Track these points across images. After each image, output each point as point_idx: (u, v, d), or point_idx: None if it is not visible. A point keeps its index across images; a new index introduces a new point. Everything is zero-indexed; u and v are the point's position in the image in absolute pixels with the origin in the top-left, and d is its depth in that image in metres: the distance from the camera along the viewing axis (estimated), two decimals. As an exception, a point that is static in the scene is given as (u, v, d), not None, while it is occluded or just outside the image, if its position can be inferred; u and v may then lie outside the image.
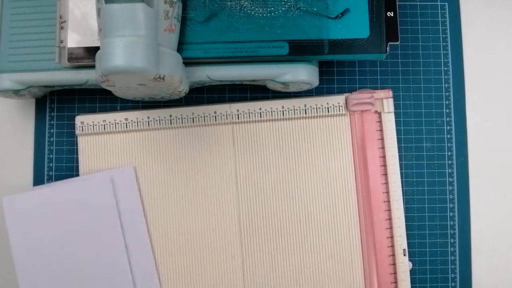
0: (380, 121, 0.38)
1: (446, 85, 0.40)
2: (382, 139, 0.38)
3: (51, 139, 0.39)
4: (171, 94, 0.34)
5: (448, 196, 0.39)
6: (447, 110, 0.39)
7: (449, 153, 0.39)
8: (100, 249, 0.35)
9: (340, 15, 0.33)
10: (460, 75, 0.40)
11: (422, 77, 0.40)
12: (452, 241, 0.38)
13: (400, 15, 0.39)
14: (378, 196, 0.37)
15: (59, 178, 0.39)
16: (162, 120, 0.38)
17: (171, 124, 0.38)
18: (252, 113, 0.38)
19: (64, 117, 0.40)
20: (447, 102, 0.39)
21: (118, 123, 0.38)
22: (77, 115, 0.38)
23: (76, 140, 0.39)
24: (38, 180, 0.39)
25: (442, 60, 0.40)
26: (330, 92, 0.40)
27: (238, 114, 0.38)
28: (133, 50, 0.28)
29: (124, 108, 0.40)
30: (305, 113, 0.38)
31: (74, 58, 0.33)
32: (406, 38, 0.40)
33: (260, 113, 0.38)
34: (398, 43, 0.34)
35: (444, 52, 0.40)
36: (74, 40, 0.33)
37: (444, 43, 0.40)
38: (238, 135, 0.38)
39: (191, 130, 0.38)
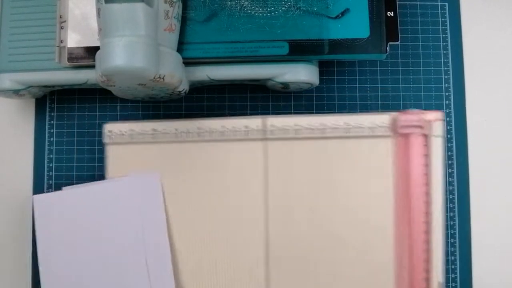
0: (427, 145, 0.34)
1: (446, 85, 0.40)
2: (427, 165, 0.34)
3: (51, 139, 0.39)
4: (171, 94, 0.34)
5: (448, 196, 0.39)
6: (447, 110, 0.39)
7: (449, 153, 0.39)
8: (121, 253, 0.35)
9: (340, 15, 0.33)
10: (460, 75, 0.40)
11: (422, 77, 0.40)
12: (452, 241, 0.38)
13: (400, 15, 0.39)
14: (419, 225, 0.34)
15: (59, 178, 0.39)
16: (190, 132, 0.36)
17: (198, 136, 0.35)
18: (286, 129, 0.35)
19: (64, 117, 0.40)
20: (447, 102, 0.39)
21: (145, 134, 0.36)
22: (106, 123, 0.37)
23: (76, 140, 0.39)
24: (38, 179, 0.39)
25: (442, 60, 0.40)
26: (330, 92, 0.40)
27: (271, 130, 0.35)
28: (133, 50, 0.28)
29: (124, 108, 0.40)
30: (346, 133, 0.34)
31: (74, 58, 0.33)
32: (406, 38, 0.40)
33: (296, 129, 0.35)
34: (398, 43, 0.34)
35: (444, 52, 0.40)
36: (74, 40, 0.33)
37: (444, 43, 0.40)
38: (270, 152, 0.35)
39: (220, 145, 0.36)
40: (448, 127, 0.39)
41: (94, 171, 0.39)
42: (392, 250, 0.34)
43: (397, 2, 0.33)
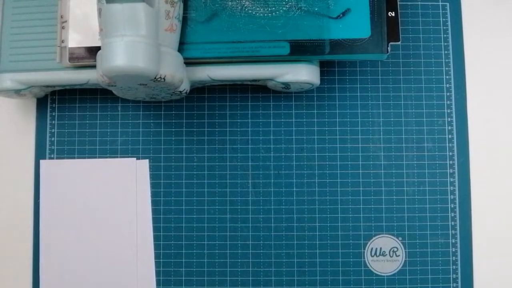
0: None
1: (448, 85, 0.40)
2: None
3: (52, 139, 0.39)
4: (172, 94, 0.34)
5: (449, 196, 0.39)
6: (449, 110, 0.39)
7: (451, 153, 0.39)
8: (115, 222, 0.38)
9: (341, 15, 0.33)
10: (461, 75, 0.40)
11: (423, 77, 0.40)
12: (453, 241, 0.38)
13: (401, 15, 0.39)
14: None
15: (60, 178, 0.39)
16: None
17: None
18: None
19: (65, 117, 0.40)
20: (448, 102, 0.39)
21: None
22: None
23: (77, 140, 0.39)
24: (39, 180, 0.39)
25: (443, 60, 0.40)
26: (331, 92, 0.40)
27: None
28: (134, 50, 0.28)
29: (125, 108, 0.40)
30: None
31: (75, 58, 0.33)
32: (407, 38, 0.40)
33: None
34: (399, 43, 0.34)
35: (446, 52, 0.40)
36: (75, 40, 0.33)
37: (445, 43, 0.40)
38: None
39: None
40: (449, 127, 0.39)
41: (95, 171, 0.39)
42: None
43: (398, 2, 0.33)
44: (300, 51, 0.33)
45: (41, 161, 0.39)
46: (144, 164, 0.39)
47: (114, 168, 0.39)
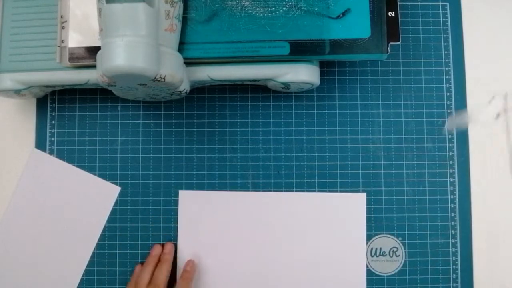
0: None
1: (447, 85, 0.40)
2: None
3: (52, 138, 0.39)
4: (172, 94, 0.34)
5: (449, 196, 0.39)
6: (449, 110, 0.39)
7: (451, 153, 0.39)
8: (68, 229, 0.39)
9: (341, 15, 0.33)
10: (461, 75, 0.40)
11: (423, 77, 0.40)
12: (453, 241, 0.38)
13: (401, 15, 0.39)
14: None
15: (60, 178, 0.39)
16: None
17: None
18: None
19: (65, 117, 0.40)
20: (448, 102, 0.39)
21: None
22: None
23: (77, 140, 0.39)
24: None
25: (444, 60, 0.40)
26: (331, 92, 0.39)
27: None
28: (134, 50, 0.28)
29: (125, 108, 0.40)
30: None
31: (75, 58, 0.33)
32: (407, 38, 0.40)
33: None
34: (399, 43, 0.34)
35: (446, 52, 0.40)
36: (75, 40, 0.33)
37: (445, 43, 0.40)
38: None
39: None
40: (449, 127, 0.39)
41: (95, 171, 0.39)
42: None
43: (398, 2, 0.33)
44: (300, 51, 0.33)
45: (33, 149, 0.39)
46: (115, 191, 0.39)
47: (91, 186, 0.39)
